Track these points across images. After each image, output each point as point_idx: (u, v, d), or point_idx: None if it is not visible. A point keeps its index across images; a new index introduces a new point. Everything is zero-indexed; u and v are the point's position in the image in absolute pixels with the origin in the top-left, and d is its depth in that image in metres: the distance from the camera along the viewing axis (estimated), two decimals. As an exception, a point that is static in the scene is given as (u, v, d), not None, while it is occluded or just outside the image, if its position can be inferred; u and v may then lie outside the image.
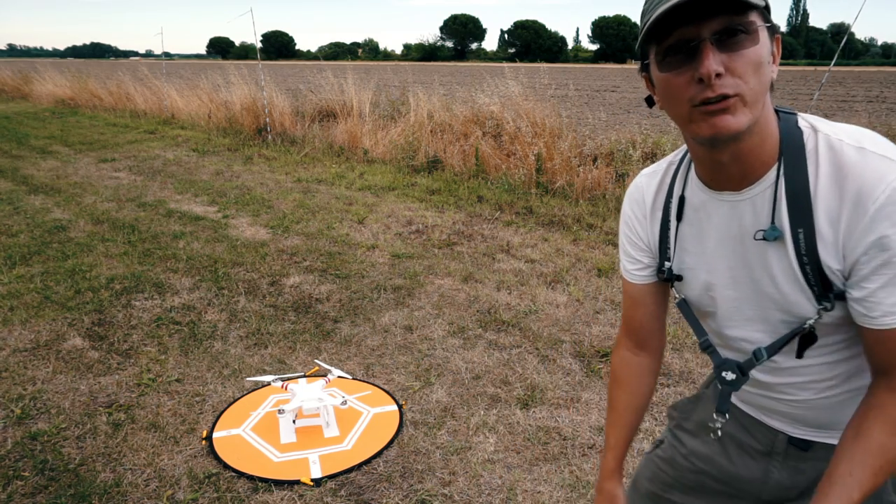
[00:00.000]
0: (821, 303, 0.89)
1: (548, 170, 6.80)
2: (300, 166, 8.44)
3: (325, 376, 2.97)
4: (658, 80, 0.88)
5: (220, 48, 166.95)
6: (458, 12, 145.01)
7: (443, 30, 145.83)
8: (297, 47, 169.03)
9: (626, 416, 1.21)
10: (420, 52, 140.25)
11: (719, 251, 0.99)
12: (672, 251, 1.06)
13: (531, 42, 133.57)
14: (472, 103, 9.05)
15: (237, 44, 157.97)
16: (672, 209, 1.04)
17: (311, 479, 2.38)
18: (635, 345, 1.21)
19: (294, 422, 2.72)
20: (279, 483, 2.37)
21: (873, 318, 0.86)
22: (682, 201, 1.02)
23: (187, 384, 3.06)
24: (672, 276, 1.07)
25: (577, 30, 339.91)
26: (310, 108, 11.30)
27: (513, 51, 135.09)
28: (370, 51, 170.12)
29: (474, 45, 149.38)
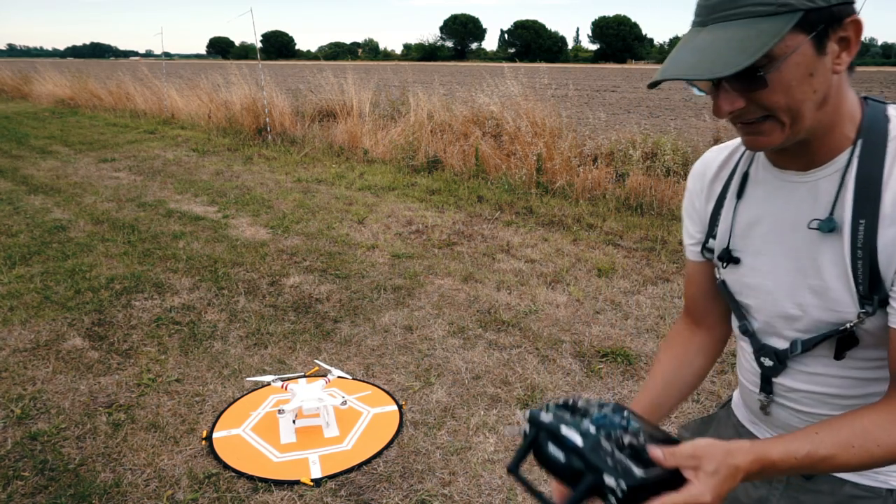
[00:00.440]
0: (863, 305, 0.85)
1: (548, 170, 6.81)
2: (300, 166, 8.44)
3: (325, 376, 2.97)
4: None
5: (220, 48, 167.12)
6: (458, 12, 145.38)
7: (443, 30, 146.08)
8: (297, 47, 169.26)
9: (659, 383, 1.13)
10: (420, 52, 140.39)
11: (769, 236, 0.95)
12: (719, 229, 1.02)
13: (531, 42, 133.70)
14: (472, 103, 9.05)
15: (237, 44, 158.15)
16: (732, 186, 1.00)
17: (311, 480, 2.38)
18: (692, 321, 1.17)
19: (294, 422, 2.72)
20: (279, 483, 2.37)
21: None
22: (744, 178, 0.98)
23: (187, 384, 3.06)
24: (718, 255, 1.03)
25: (577, 30, 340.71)
26: (310, 108, 11.30)
27: (513, 51, 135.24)
28: (370, 51, 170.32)
29: (474, 45, 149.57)
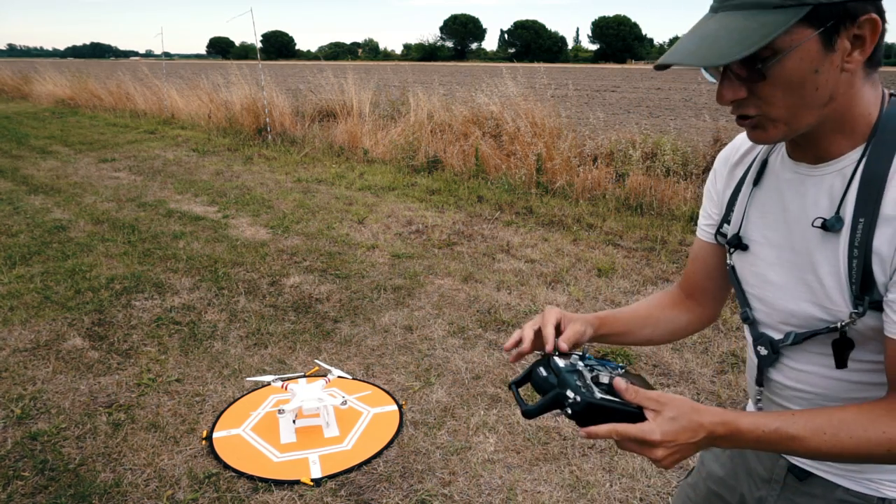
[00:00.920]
0: (856, 306, 0.84)
1: (548, 170, 6.81)
2: (300, 166, 8.44)
3: (325, 376, 2.97)
4: None
5: (220, 48, 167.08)
6: (458, 12, 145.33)
7: (443, 30, 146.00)
8: (297, 47, 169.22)
9: (630, 308, 1.15)
10: (420, 52, 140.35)
11: (775, 227, 0.95)
12: (734, 215, 1.02)
13: (531, 42, 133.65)
14: (472, 103, 9.05)
15: (237, 44, 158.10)
16: (751, 172, 1.00)
17: (311, 479, 2.38)
18: (683, 292, 1.18)
19: (294, 422, 2.72)
20: (279, 483, 2.37)
21: None
22: (763, 165, 0.98)
23: (187, 384, 3.06)
24: (728, 241, 1.03)
25: (577, 30, 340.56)
26: (310, 108, 11.31)
27: (513, 51, 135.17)
28: (370, 51, 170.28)
29: (474, 46, 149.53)
